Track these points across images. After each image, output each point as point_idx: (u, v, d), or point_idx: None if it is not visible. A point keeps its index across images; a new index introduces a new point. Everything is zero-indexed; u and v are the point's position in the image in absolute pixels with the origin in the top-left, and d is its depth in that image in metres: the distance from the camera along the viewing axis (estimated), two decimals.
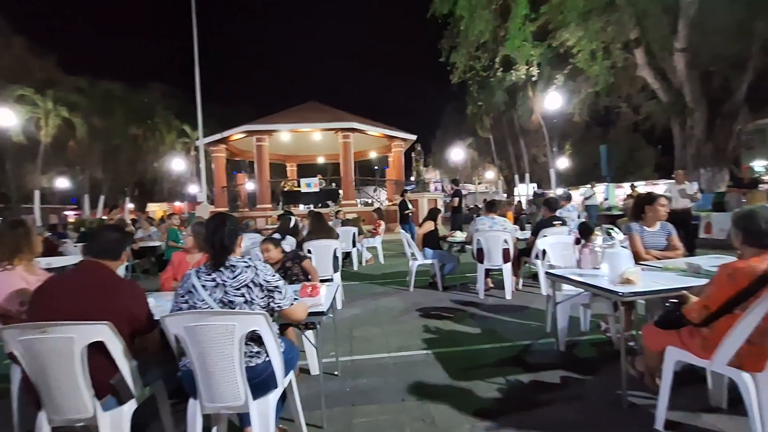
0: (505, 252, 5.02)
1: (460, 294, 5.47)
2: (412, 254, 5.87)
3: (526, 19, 12.35)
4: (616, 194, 17.02)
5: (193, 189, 30.14)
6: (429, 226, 5.91)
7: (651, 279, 2.46)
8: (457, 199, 10.55)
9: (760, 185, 9.73)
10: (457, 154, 33.36)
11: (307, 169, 23.36)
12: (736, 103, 11.54)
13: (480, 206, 16.20)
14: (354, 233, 7.98)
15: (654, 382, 2.34)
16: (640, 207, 3.45)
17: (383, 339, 3.83)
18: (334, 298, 2.65)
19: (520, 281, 5.62)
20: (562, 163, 28.72)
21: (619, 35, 11.97)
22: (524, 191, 25.06)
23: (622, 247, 2.61)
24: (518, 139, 27.80)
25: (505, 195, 29.89)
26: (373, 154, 22.44)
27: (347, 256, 8.17)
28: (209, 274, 1.84)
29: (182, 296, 1.84)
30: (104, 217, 20.11)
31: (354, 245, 8.00)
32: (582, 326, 3.65)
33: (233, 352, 1.71)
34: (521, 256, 5.51)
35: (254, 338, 1.80)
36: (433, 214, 6.06)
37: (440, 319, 4.38)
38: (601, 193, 16.38)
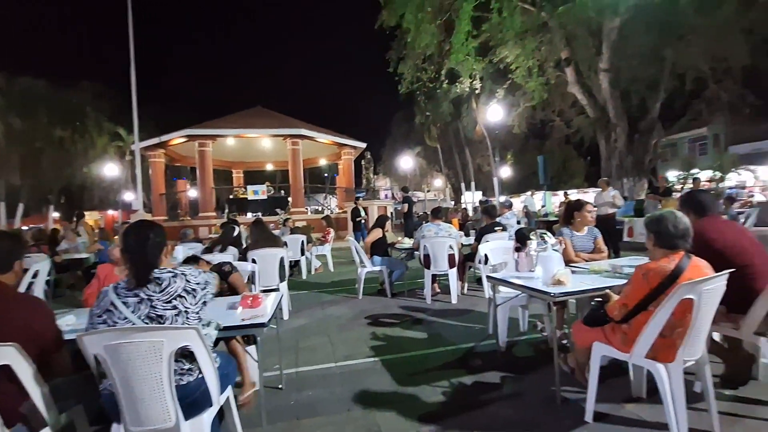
0: (451, 257, 5.17)
1: (408, 300, 5.53)
2: (361, 262, 5.86)
3: (468, 35, 12.94)
4: (552, 201, 18.20)
5: (128, 196, 28.04)
6: (377, 233, 5.94)
7: (579, 280, 2.64)
8: (406, 206, 10.72)
9: (673, 193, 10.84)
10: (407, 162, 34.00)
11: (254, 176, 22.64)
12: (652, 120, 12.87)
13: (429, 213, 16.58)
14: (303, 241, 7.82)
15: (584, 376, 2.50)
16: (570, 213, 3.71)
17: (330, 348, 3.77)
18: (279, 309, 2.57)
19: (465, 285, 5.80)
20: (505, 172, 30.24)
21: (551, 54, 12.93)
22: (470, 199, 26.04)
23: (554, 250, 2.78)
24: (464, 148, 28.93)
25: (453, 202, 30.89)
26: (323, 162, 22.27)
27: (296, 264, 7.99)
28: (130, 290, 1.70)
29: (99, 315, 1.68)
30: (24, 228, 18.09)
31: (303, 253, 7.84)
32: (521, 326, 3.83)
33: (161, 370, 1.59)
34: (466, 261, 5.69)
35: (185, 354, 1.69)
36: (381, 221, 6.10)
37: (388, 326, 4.39)
38: (539, 200, 17.43)
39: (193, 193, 20.05)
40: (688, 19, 10.36)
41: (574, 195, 17.57)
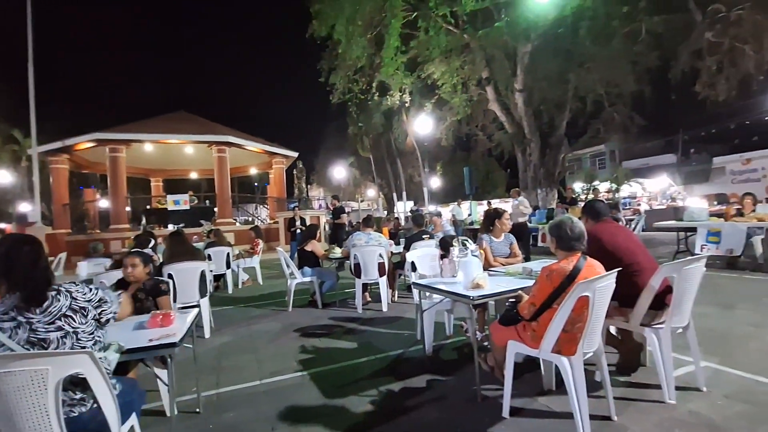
0: (381, 266, 5.23)
1: (340, 310, 5.48)
2: (291, 273, 5.70)
3: (397, 50, 13.39)
4: (478, 210, 19.30)
5: (24, 207, 24.50)
6: (316, 245, 5.82)
7: (496, 283, 2.81)
8: (344, 216, 10.70)
9: (578, 202, 12.08)
10: (340, 172, 34.01)
11: (176, 185, 21.08)
12: (560, 137, 14.29)
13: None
14: (228, 254, 7.41)
15: (502, 374, 2.66)
16: (491, 221, 3.96)
17: (256, 366, 3.59)
18: (198, 327, 2.39)
19: (396, 293, 5.90)
20: (435, 182, 31.54)
21: (473, 73, 13.85)
22: (402, 208, 26.69)
23: (474, 256, 2.94)
24: (396, 159, 29.66)
25: (386, 212, 31.41)
26: (253, 171, 21.43)
27: (220, 278, 7.55)
28: (6, 313, 1.48)
29: None
30: None
31: (228, 266, 7.43)
32: (447, 330, 3.98)
33: (47, 402, 1.40)
34: (396, 269, 5.80)
35: (75, 382, 1.50)
36: (311, 231, 6.00)
37: (318, 338, 4.31)
38: (466, 209, 18.38)
39: (104, 203, 18.12)
40: (587, 49, 11.74)
41: (496, 204, 18.79)
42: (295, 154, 18.13)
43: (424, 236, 5.39)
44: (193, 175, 21.08)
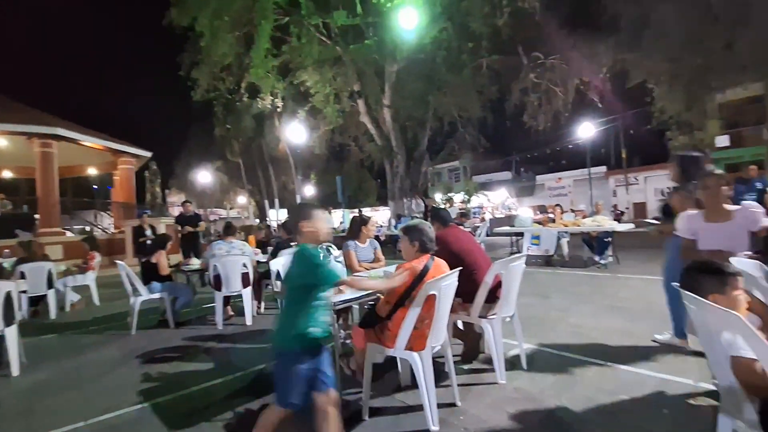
0: (245, 276, 4.92)
1: (196, 328, 4.96)
2: (135, 290, 4.94)
3: (268, 52, 12.99)
4: (350, 218, 19.83)
5: None
6: (159, 256, 5.13)
7: None
8: (203, 224, 9.69)
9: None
10: (205, 176, 31.16)
11: None
12: (422, 152, 15.74)
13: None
14: (50, 270, 6.06)
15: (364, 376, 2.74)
16: (358, 227, 4.09)
17: (82, 404, 2.99)
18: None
19: (263, 305, 5.62)
20: (309, 190, 31.28)
21: (346, 85, 14.30)
22: (275, 216, 25.75)
23: (337, 261, 2.99)
24: (268, 165, 28.52)
25: (258, 220, 29.84)
26: (92, 171, 18.06)
27: (39, 301, 6.13)
28: None
29: None
30: None
31: (51, 286, 6.07)
32: None
33: None
34: (262, 279, 5.53)
35: None
36: (161, 241, 5.31)
37: (167, 362, 3.81)
38: (339, 217, 18.71)
39: None
40: (443, 76, 13.23)
41: (367, 212, 19.59)
42: (148, 154, 15.97)
43: (292, 243, 5.26)
44: (6, 174, 16.81)
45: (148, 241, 8.88)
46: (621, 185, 25.28)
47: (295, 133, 17.75)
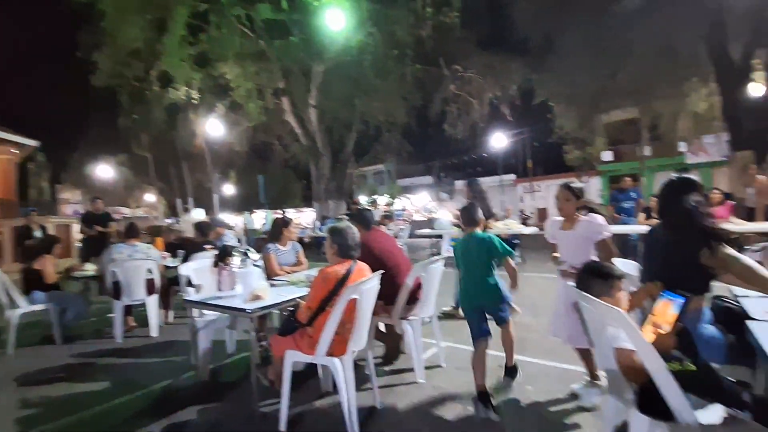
0: (150, 283, 4.47)
1: (91, 343, 4.37)
2: (12, 302, 4.21)
3: (184, 40, 12.01)
4: (273, 220, 19.10)
5: None
6: (44, 262, 4.43)
7: (278, 292, 2.79)
8: (114, 224, 8.56)
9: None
10: (106, 171, 27.80)
11: None
12: (348, 154, 15.73)
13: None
14: None
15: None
16: (279, 229, 3.93)
17: None
18: None
19: (172, 313, 5.15)
20: (228, 189, 29.48)
21: (270, 82, 13.72)
22: (189, 217, 23.84)
23: (255, 266, 2.84)
24: (182, 161, 26.29)
25: (169, 220, 27.34)
26: None
27: None
28: None
29: None
30: None
31: None
32: (228, 348, 3.70)
33: None
34: (171, 285, 5.07)
35: None
36: (45, 244, 4.61)
37: (52, 384, 3.31)
38: (261, 218, 17.91)
39: None
40: (370, 80, 13.34)
41: (291, 214, 19.04)
42: (34, 144, 13.81)
43: (206, 246, 4.89)
44: None
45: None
46: (527, 192, 27.82)
47: (214, 128, 16.60)
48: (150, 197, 33.82)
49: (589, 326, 1.83)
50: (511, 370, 2.85)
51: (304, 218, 22.24)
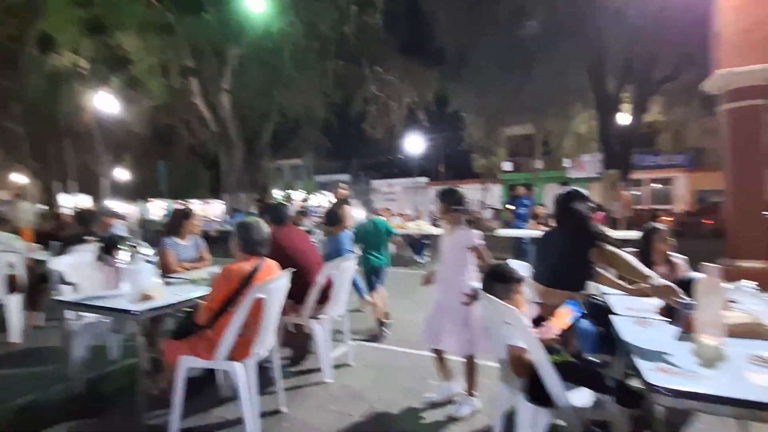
0: (12, 279, 3.77)
1: None
2: None
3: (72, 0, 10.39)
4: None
5: None
6: None
7: (174, 292, 2.53)
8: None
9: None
10: None
11: None
12: (263, 145, 15.03)
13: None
14: None
15: None
16: (179, 221, 3.57)
17: None
18: None
19: (43, 315, 4.40)
20: (122, 174, 26.13)
21: (176, 59, 12.47)
22: (71, 202, 20.67)
23: (148, 262, 2.54)
24: (63, 139, 22.64)
25: (47, 207, 23.34)
26: None
27: None
28: None
29: None
30: None
31: None
32: (112, 355, 3.27)
33: None
34: (43, 282, 4.32)
35: None
36: None
37: None
38: (162, 208, 16.25)
39: None
40: (290, 71, 12.88)
41: (197, 205, 17.59)
42: None
43: (87, 238, 4.26)
44: None
45: None
46: None
47: (106, 104, 14.61)
48: (20, 178, 28.55)
49: (487, 322, 1.98)
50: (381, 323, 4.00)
51: (211, 210, 20.74)
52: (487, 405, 2.53)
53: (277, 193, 20.29)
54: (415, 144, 22.41)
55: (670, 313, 1.87)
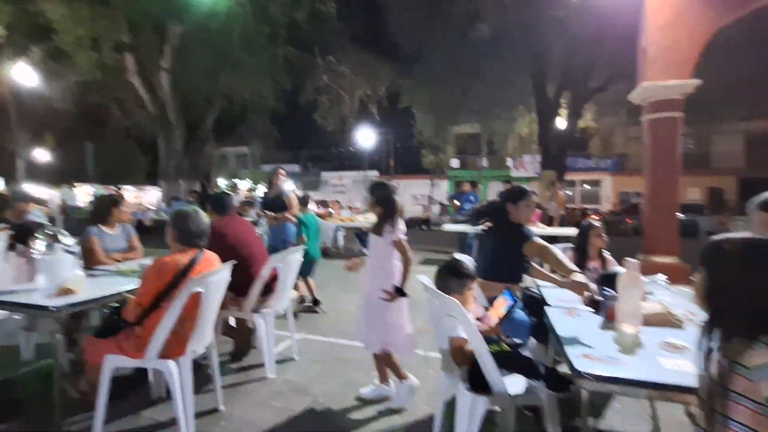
0: None
1: None
2: None
3: None
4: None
5: None
6: None
7: (98, 285, 2.32)
8: None
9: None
10: None
11: None
12: (207, 131, 14.23)
13: None
14: None
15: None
16: (106, 209, 3.27)
17: None
18: None
19: None
20: (42, 155, 23.50)
21: (110, 33, 11.38)
22: None
23: (69, 252, 2.31)
24: None
25: None
26: None
27: None
28: None
29: None
30: None
31: None
32: (24, 355, 2.94)
33: None
34: None
35: None
36: None
37: None
38: (90, 194, 14.87)
39: None
40: (237, 54, 12.25)
41: (131, 192, 16.35)
42: None
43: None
44: None
45: None
46: None
47: (24, 75, 13.03)
48: None
49: (432, 314, 2.02)
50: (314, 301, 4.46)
51: (147, 198, 19.37)
52: (429, 395, 2.59)
53: (222, 182, 19.34)
54: (366, 137, 22.38)
55: (595, 304, 2.03)
